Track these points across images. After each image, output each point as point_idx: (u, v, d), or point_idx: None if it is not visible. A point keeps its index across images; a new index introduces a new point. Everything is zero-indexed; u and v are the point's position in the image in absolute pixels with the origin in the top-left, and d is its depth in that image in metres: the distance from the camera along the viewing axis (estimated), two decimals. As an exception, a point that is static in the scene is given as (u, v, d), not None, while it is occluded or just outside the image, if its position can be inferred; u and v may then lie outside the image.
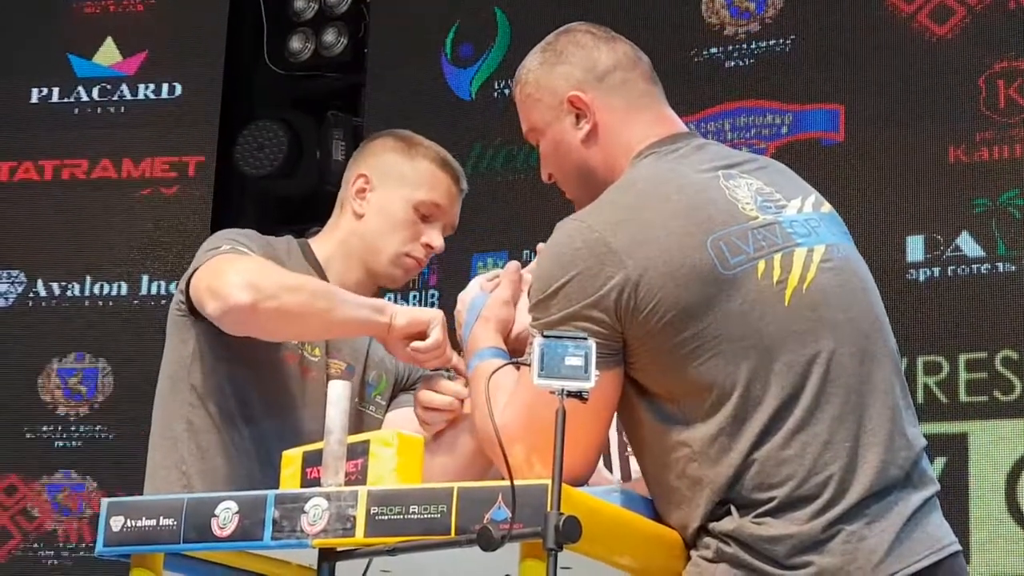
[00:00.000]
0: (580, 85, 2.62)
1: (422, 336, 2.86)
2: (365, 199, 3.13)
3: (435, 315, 2.89)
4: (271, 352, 2.98)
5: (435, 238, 3.12)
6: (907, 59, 5.13)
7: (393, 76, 5.95)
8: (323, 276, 3.10)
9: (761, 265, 2.42)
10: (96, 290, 5.97)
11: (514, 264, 2.74)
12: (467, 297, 2.73)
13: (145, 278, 5.94)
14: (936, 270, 4.93)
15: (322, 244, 3.16)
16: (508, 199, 5.61)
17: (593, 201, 2.52)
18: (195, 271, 2.93)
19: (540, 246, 2.62)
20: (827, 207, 2.61)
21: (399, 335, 2.87)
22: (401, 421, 3.02)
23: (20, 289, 5.99)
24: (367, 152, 3.21)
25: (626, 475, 3.06)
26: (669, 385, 2.39)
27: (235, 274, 2.84)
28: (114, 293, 5.96)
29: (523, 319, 2.65)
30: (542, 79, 2.65)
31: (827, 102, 5.24)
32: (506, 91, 5.62)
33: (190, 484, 2.94)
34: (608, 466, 3.00)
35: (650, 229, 2.39)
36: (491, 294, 2.70)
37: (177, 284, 3.04)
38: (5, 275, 6.02)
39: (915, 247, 4.97)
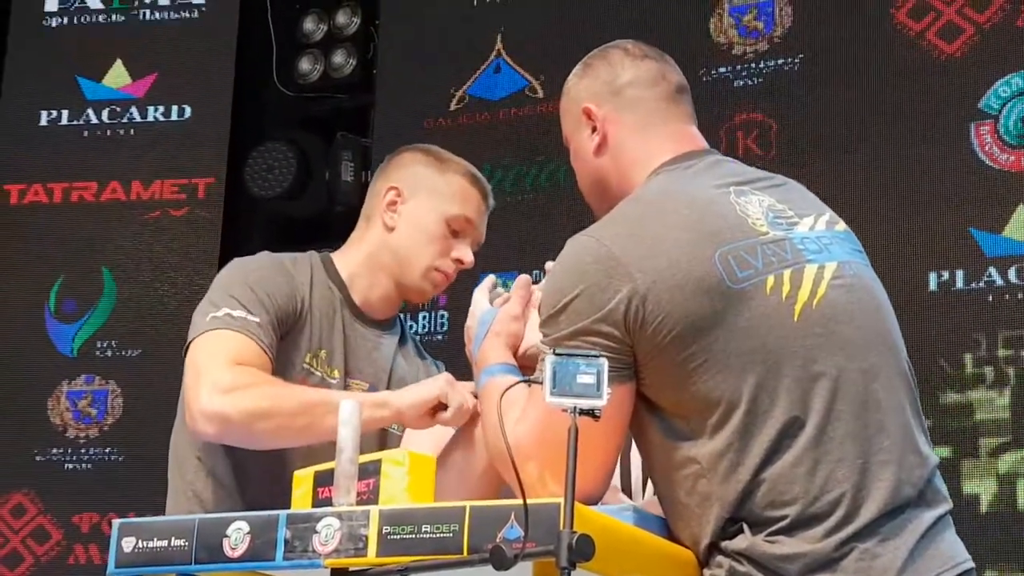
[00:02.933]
0: (596, 98, 2.68)
1: (438, 407, 2.87)
2: (396, 211, 3.12)
3: (441, 385, 2.88)
4: (286, 378, 2.96)
5: (466, 253, 3.12)
6: (915, 77, 5.13)
7: (402, 97, 5.96)
8: (346, 293, 3.10)
9: (770, 280, 2.42)
10: (105, 312, 5.99)
11: (524, 278, 2.75)
12: (477, 312, 2.74)
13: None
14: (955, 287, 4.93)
15: (346, 259, 3.15)
16: (519, 220, 5.62)
17: (607, 213, 2.53)
18: (193, 338, 2.94)
19: (548, 264, 2.63)
20: (842, 225, 2.61)
21: (413, 418, 2.88)
22: (419, 438, 3.01)
23: (31, 311, 6.00)
24: (396, 164, 3.19)
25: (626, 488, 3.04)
26: (677, 400, 2.39)
27: (207, 394, 2.84)
28: (123, 315, 5.97)
29: (532, 335, 2.66)
30: (572, 91, 2.74)
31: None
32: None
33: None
34: (627, 490, 2.99)
35: (658, 243, 2.40)
36: (501, 309, 2.71)
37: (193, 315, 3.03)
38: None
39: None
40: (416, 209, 3.11)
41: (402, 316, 3.26)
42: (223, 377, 2.85)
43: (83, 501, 5.80)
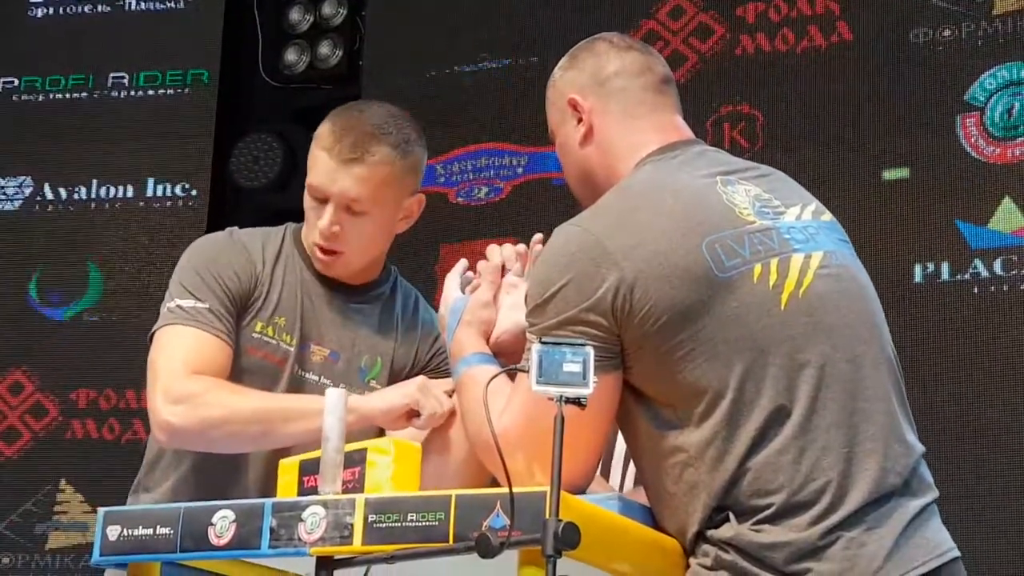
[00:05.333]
0: (581, 89, 2.67)
1: (411, 413, 2.86)
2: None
3: (412, 392, 2.86)
4: (239, 350, 2.97)
5: (321, 219, 2.99)
6: (901, 69, 5.14)
7: (388, 88, 5.95)
8: (312, 263, 3.07)
9: (757, 269, 2.42)
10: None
11: (495, 263, 2.74)
12: (448, 300, 2.74)
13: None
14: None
15: None
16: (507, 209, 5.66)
17: (593, 204, 2.53)
18: (152, 333, 2.97)
19: (537, 236, 2.64)
20: (828, 215, 2.61)
21: (383, 422, 2.87)
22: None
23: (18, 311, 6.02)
24: None
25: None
26: (665, 389, 2.39)
27: (160, 403, 2.86)
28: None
29: (503, 321, 2.67)
30: (557, 83, 2.73)
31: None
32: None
33: (175, 495, 2.96)
34: (607, 476, 3.00)
35: (645, 232, 2.40)
36: (471, 296, 2.70)
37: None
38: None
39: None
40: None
41: (402, 283, 3.20)
42: (175, 386, 2.87)
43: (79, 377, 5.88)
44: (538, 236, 2.68)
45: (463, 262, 2.83)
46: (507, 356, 2.62)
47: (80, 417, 5.85)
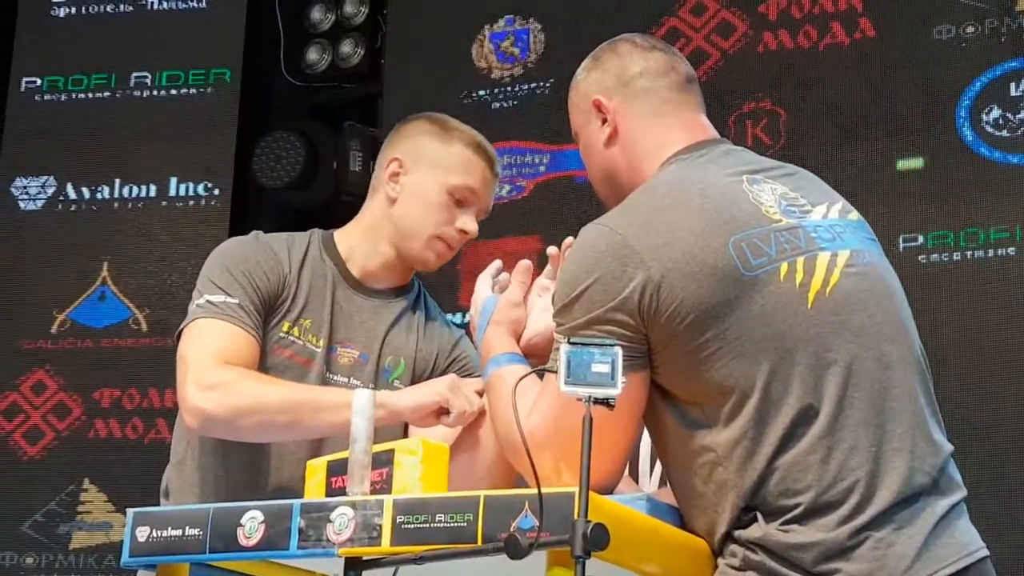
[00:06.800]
0: (606, 90, 2.67)
1: (441, 411, 2.86)
2: (398, 183, 3.12)
3: (442, 390, 2.87)
4: (266, 348, 3.01)
5: (468, 223, 3.11)
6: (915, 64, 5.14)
7: (410, 87, 5.96)
8: (342, 265, 3.11)
9: (784, 268, 2.42)
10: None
11: (524, 264, 2.75)
12: (479, 300, 2.74)
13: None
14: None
15: (347, 233, 3.16)
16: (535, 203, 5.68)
17: (618, 204, 2.53)
18: (180, 329, 2.99)
19: (568, 240, 2.64)
20: (855, 214, 2.61)
21: (413, 420, 2.89)
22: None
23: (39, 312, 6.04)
24: (401, 135, 3.19)
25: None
26: (692, 388, 2.39)
27: (191, 390, 2.89)
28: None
29: (536, 323, 2.68)
30: (580, 84, 2.73)
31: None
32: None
33: (202, 495, 2.99)
34: (634, 476, 2.99)
35: (672, 231, 2.40)
36: (501, 296, 2.71)
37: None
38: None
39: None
40: (417, 180, 3.10)
41: (425, 294, 3.24)
42: (207, 374, 2.90)
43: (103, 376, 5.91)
44: (569, 240, 2.68)
45: (497, 263, 2.84)
46: (539, 358, 2.63)
47: (103, 416, 5.88)
